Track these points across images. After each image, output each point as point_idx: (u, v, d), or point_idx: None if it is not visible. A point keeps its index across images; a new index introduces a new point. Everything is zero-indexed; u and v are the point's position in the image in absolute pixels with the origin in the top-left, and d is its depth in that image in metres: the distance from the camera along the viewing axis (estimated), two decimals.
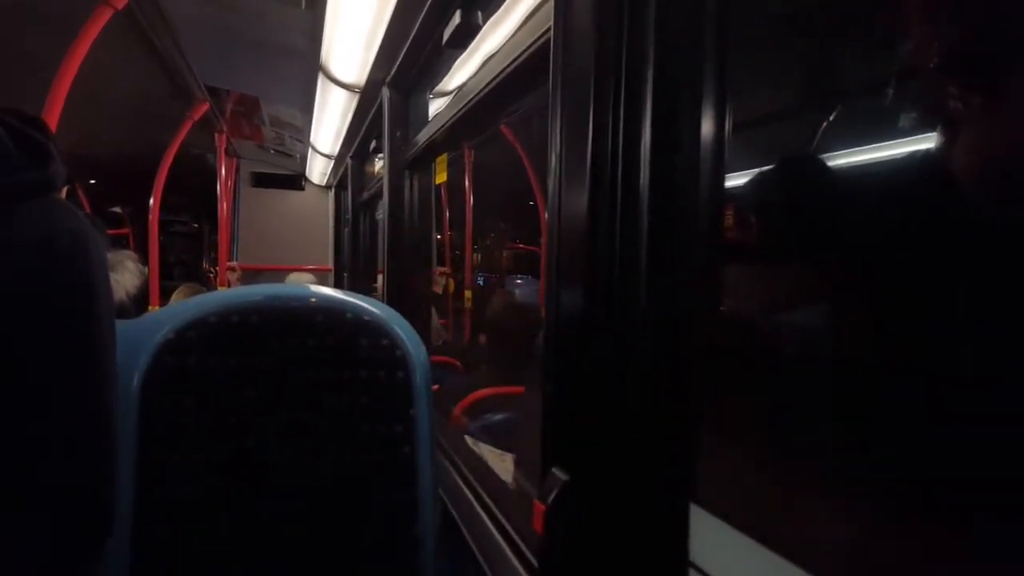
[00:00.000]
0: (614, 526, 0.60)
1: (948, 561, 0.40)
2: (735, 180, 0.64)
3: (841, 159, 0.88)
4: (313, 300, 1.00)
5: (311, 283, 2.77)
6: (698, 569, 0.53)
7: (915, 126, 0.55)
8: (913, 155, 0.60)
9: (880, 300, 0.54)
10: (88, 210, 4.87)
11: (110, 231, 5.19)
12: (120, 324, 0.78)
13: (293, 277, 3.56)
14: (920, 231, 0.52)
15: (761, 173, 0.78)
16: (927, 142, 0.56)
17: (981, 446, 0.39)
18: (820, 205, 0.71)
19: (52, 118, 1.73)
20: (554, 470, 0.65)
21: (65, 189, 0.94)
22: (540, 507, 0.64)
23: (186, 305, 0.98)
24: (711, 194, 0.56)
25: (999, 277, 0.43)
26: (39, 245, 0.67)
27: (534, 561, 0.87)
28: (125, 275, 2.07)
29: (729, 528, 0.50)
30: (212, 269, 6.06)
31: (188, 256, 7.70)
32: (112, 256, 2.07)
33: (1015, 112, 0.42)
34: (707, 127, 0.56)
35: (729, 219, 0.63)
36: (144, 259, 2.65)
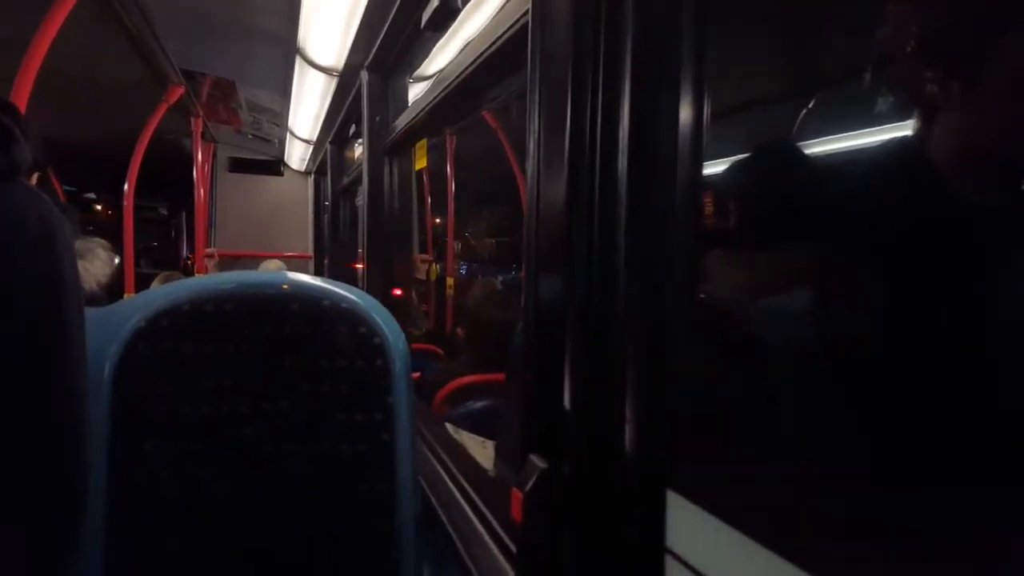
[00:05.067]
0: (592, 513, 0.60)
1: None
2: (713, 167, 0.64)
3: (819, 147, 0.89)
4: (289, 287, 0.99)
5: (281, 270, 2.73)
6: (674, 555, 0.53)
7: (892, 113, 0.56)
8: (890, 142, 0.60)
9: (858, 286, 0.54)
10: (62, 196, 4.77)
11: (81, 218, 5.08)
12: (91, 312, 0.76)
13: (264, 265, 3.52)
14: (899, 218, 0.52)
15: (740, 160, 0.78)
16: (904, 129, 0.56)
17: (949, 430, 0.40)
18: (798, 192, 0.71)
19: (21, 102, 1.68)
20: (532, 457, 0.65)
21: (36, 175, 0.92)
22: (518, 494, 0.64)
23: (158, 292, 0.97)
24: (689, 180, 0.56)
25: (978, 260, 0.44)
26: (2, 231, 0.65)
27: (513, 548, 0.87)
28: (95, 263, 2.03)
29: (706, 515, 0.50)
30: (190, 256, 5.95)
31: (158, 243, 7.47)
32: (82, 244, 2.02)
33: (994, 97, 0.42)
34: (685, 113, 0.55)
35: (708, 206, 0.63)
36: (117, 246, 2.59)
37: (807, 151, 0.82)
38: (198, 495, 0.94)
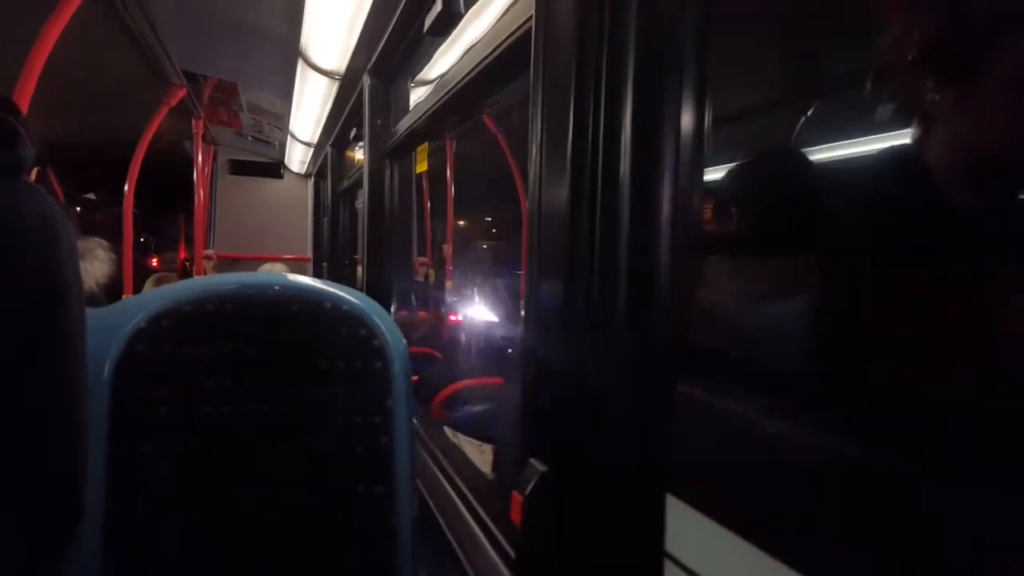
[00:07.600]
0: (591, 516, 0.60)
1: None
2: (716, 172, 0.65)
3: (819, 154, 0.89)
4: (290, 289, 0.99)
5: (284, 273, 2.73)
6: (673, 559, 0.53)
7: (892, 120, 0.56)
8: (889, 150, 0.60)
9: (857, 291, 0.54)
10: (60, 196, 4.76)
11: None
12: (92, 312, 0.76)
13: (266, 267, 3.52)
14: (898, 224, 0.52)
15: (739, 166, 0.78)
16: (903, 137, 0.56)
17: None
18: (798, 198, 0.72)
19: (23, 101, 1.68)
20: (532, 461, 0.65)
21: (35, 171, 0.92)
22: (518, 497, 0.64)
23: (159, 293, 0.96)
24: (691, 184, 0.56)
25: (973, 265, 0.44)
26: (5, 228, 0.65)
27: (511, 552, 0.87)
28: (95, 263, 2.03)
29: (705, 519, 0.50)
30: (189, 257, 5.89)
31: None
32: (82, 243, 2.02)
33: (996, 102, 0.42)
34: (688, 117, 0.56)
35: (708, 211, 0.64)
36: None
37: (808, 156, 0.83)
38: (196, 496, 0.93)
